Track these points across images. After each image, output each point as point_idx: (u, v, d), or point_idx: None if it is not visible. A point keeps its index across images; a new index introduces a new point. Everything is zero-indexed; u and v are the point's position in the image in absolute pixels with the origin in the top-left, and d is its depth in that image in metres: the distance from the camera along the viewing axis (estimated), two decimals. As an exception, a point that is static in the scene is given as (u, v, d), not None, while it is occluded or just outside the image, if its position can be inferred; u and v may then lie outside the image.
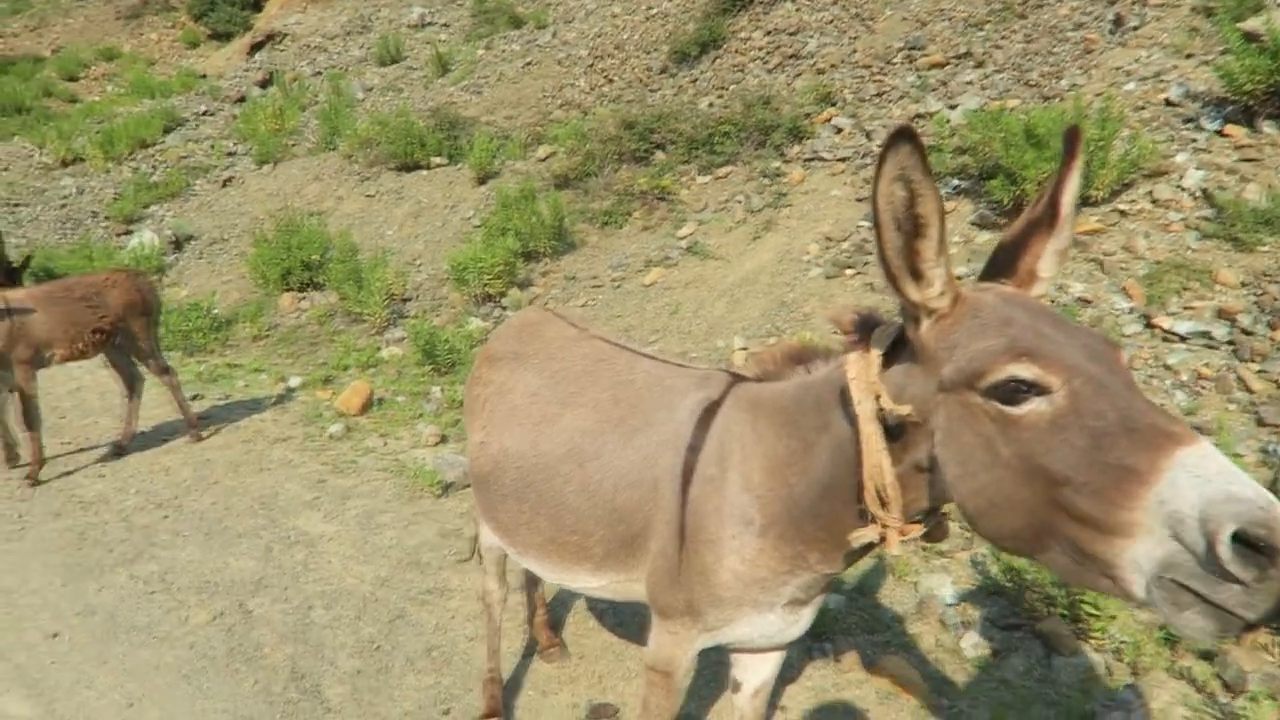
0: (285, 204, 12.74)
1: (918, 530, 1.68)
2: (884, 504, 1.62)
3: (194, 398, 6.98)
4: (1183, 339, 4.83)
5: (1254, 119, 5.89)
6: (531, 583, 3.57)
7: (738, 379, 2.18)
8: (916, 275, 1.48)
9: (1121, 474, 1.22)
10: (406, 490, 5.24)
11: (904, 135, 1.38)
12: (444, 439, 6.13)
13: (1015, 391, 1.34)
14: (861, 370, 1.64)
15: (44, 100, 23.10)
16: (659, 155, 9.97)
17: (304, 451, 5.87)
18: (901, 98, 8.94)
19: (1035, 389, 1.33)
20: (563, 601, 3.90)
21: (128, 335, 5.74)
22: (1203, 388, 4.56)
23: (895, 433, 1.60)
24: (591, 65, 14.17)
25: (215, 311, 9.10)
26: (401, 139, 12.30)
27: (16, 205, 14.06)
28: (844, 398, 1.71)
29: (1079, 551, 1.28)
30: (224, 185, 14.44)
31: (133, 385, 5.99)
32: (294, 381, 7.39)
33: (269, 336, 8.97)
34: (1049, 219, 1.57)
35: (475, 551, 3.47)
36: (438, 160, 12.25)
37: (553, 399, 2.47)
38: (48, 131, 17.49)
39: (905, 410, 1.53)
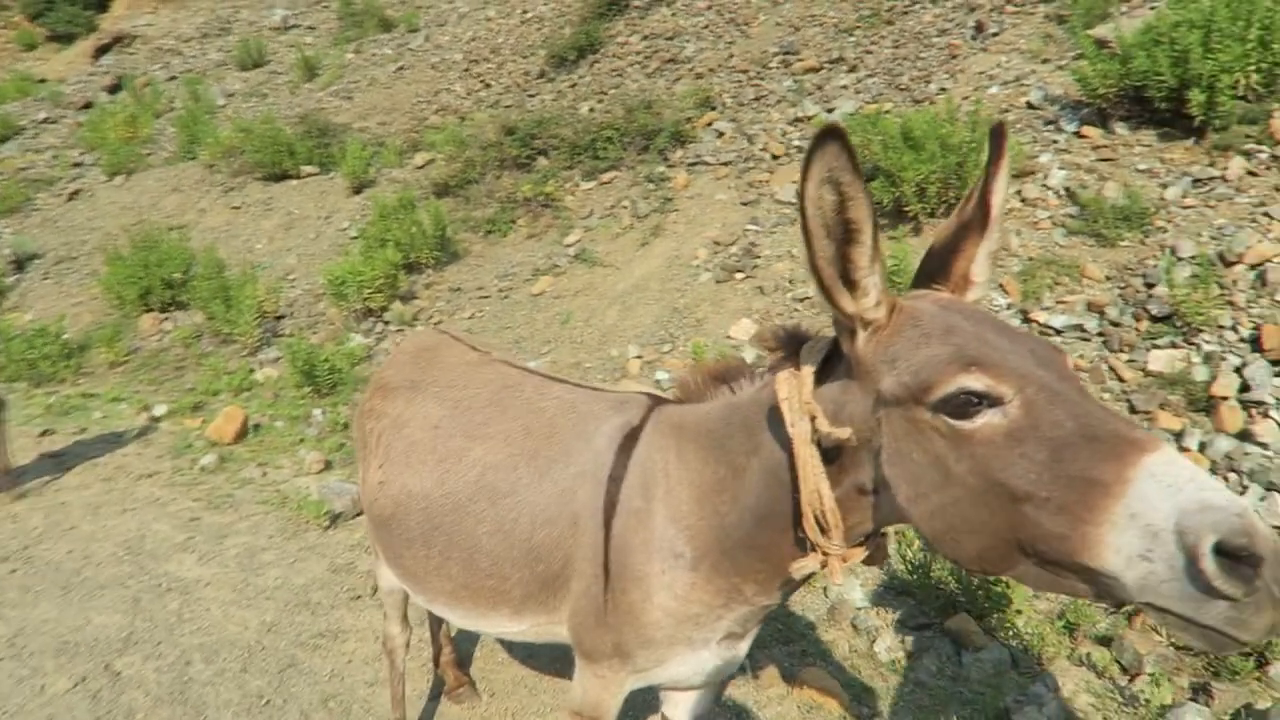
0: (141, 218, 11.92)
1: (859, 554, 1.61)
2: (824, 531, 1.53)
3: (44, 433, 6.40)
4: (1059, 332, 5.03)
5: (1108, 121, 6.22)
6: (435, 619, 3.37)
7: (658, 402, 2.08)
8: (850, 285, 1.39)
9: (1087, 486, 1.15)
10: (290, 523, 4.92)
11: (831, 134, 1.28)
12: (329, 465, 5.81)
13: (966, 404, 1.27)
14: (793, 390, 1.54)
15: None
16: (541, 161, 9.82)
17: (173, 487, 5.44)
18: (779, 101, 9.08)
19: (987, 400, 1.26)
20: (468, 636, 3.71)
21: None
22: (1080, 380, 4.76)
23: (832, 454, 1.51)
24: (467, 70, 13.86)
25: (65, 336, 8.37)
26: (269, 147, 11.70)
27: None
28: (774, 419, 1.61)
29: (1053, 565, 1.21)
30: (70, 199, 13.40)
31: None
32: (159, 410, 6.87)
33: (128, 362, 8.32)
34: (980, 220, 1.51)
35: (375, 588, 3.27)
36: (308, 169, 11.71)
37: (457, 431, 2.29)
38: None
39: (845, 434, 1.45)
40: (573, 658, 2.08)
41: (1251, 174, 5.37)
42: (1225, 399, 4.15)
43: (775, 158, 8.13)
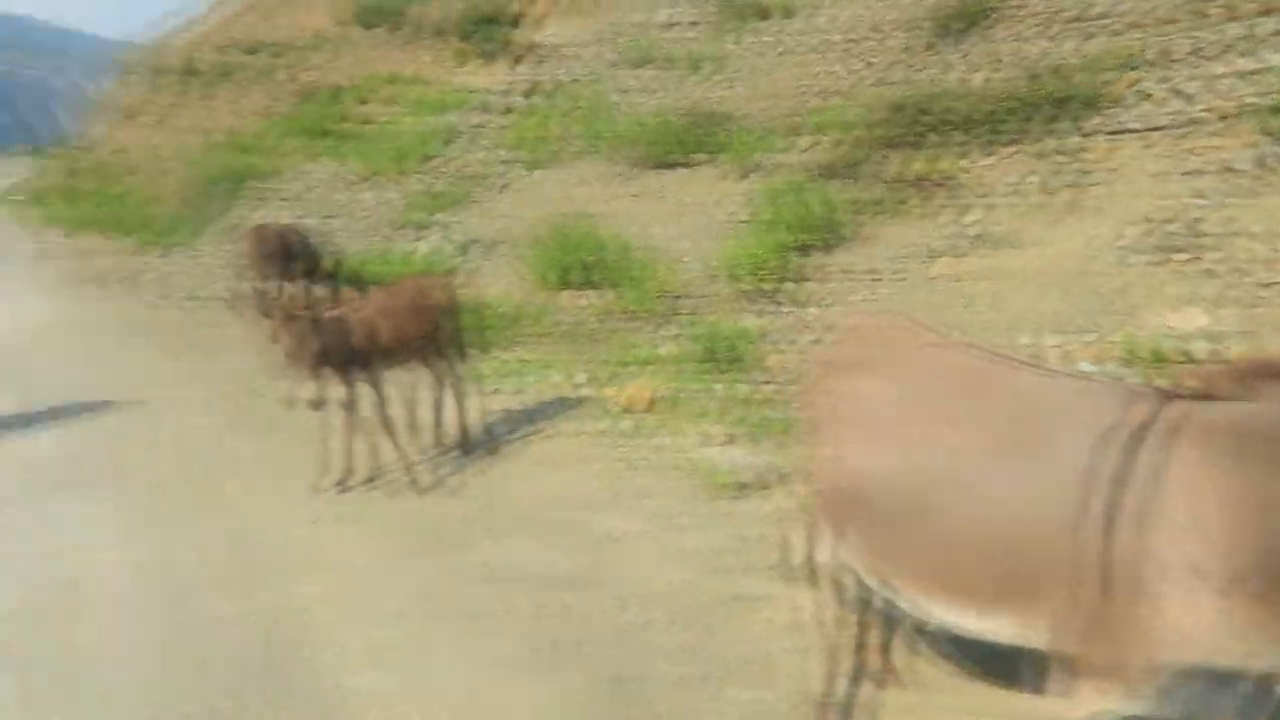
0: (556, 207, 13.33)
1: None
2: None
3: (492, 392, 7.39)
4: None
5: None
6: (861, 603, 3.35)
7: (1169, 397, 1.84)
8: None
9: None
10: (702, 490, 5.20)
11: None
12: (732, 438, 6.05)
13: None
14: None
15: (343, 123, 25.88)
16: (933, 138, 9.37)
17: (598, 448, 6.01)
18: (1224, 52, 7.77)
19: None
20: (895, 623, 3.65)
21: (443, 337, 6.10)
22: None
23: None
24: (847, 50, 13.65)
25: (502, 310, 9.65)
26: (661, 139, 12.48)
27: (328, 217, 15.77)
28: None
29: None
30: (499, 192, 15.38)
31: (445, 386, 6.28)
32: (580, 378, 7.65)
33: (552, 334, 9.37)
34: None
35: (807, 571, 3.32)
36: (698, 157, 12.30)
37: (925, 415, 2.22)
38: (348, 151, 19.53)
39: None
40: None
41: None
42: None
43: (1224, 119, 6.99)
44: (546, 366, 8.40)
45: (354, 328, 5.10)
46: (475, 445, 6.14)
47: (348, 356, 4.99)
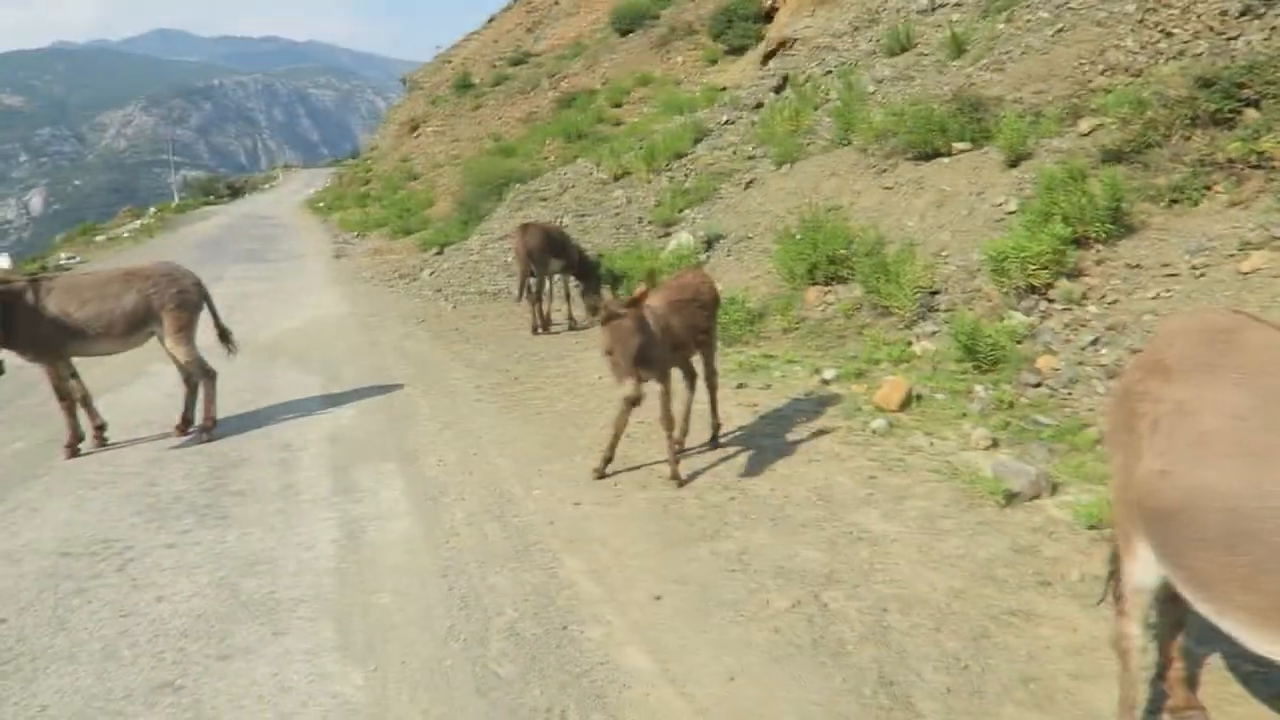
0: (804, 200, 13.13)
1: None
2: None
3: (738, 386, 7.42)
4: None
5: None
6: (1168, 630, 2.99)
7: None
8: None
9: None
10: (964, 496, 4.90)
11: None
12: (995, 443, 5.67)
13: None
14: None
15: (597, 125, 27.11)
16: (1250, 114, 8.23)
17: (849, 445, 5.85)
18: None
19: None
20: (1196, 656, 3.24)
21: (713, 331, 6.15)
22: None
23: None
24: (1141, 20, 12.28)
25: (749, 305, 9.66)
26: (920, 127, 11.90)
27: (582, 215, 16.56)
28: None
29: None
30: (746, 187, 15.38)
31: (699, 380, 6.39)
32: (828, 374, 7.48)
33: (798, 329, 9.26)
34: None
35: (1107, 593, 3.05)
36: (960, 146, 11.61)
37: (1276, 426, 1.94)
38: (602, 151, 20.39)
39: None
40: None
41: None
42: None
43: None
44: (792, 362, 8.30)
45: (658, 326, 5.18)
46: (725, 439, 6.18)
47: (654, 355, 5.09)
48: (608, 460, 5.58)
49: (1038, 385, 6.55)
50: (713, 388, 6.19)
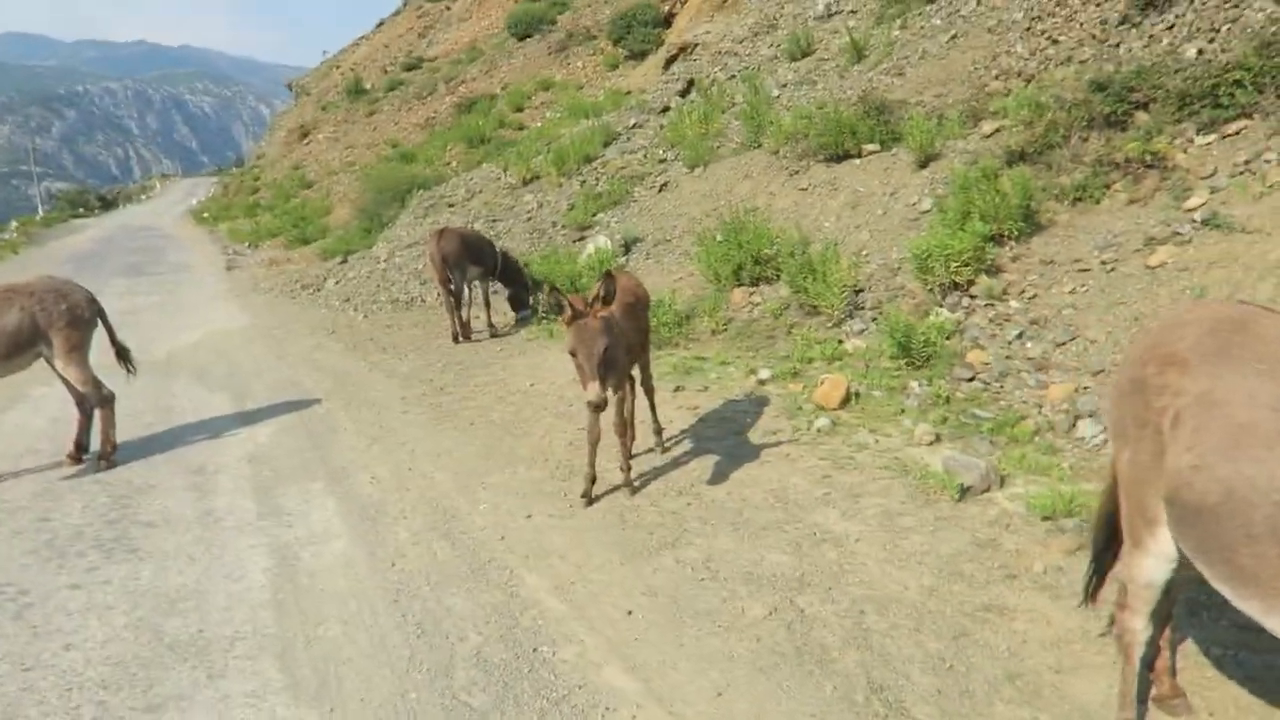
0: (719, 203, 13.16)
1: None
2: None
3: (676, 389, 7.31)
4: None
5: None
6: (1158, 623, 3.00)
7: None
8: None
9: None
10: (919, 491, 4.90)
11: None
12: (938, 438, 5.71)
13: None
14: None
15: (500, 130, 26.70)
16: (1140, 116, 8.63)
17: (796, 445, 5.80)
18: None
19: None
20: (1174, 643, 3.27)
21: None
22: None
23: None
24: (1029, 28, 12.81)
25: (675, 307, 9.57)
26: (830, 130, 12.08)
27: (494, 220, 16.21)
28: None
29: None
30: (660, 190, 15.33)
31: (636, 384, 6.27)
32: (763, 374, 7.44)
33: (726, 330, 9.22)
34: None
35: (1088, 594, 3.05)
36: (870, 147, 11.83)
37: None
38: (509, 156, 20.03)
39: None
40: None
41: None
42: None
43: None
44: (725, 363, 8.25)
45: (617, 327, 4.91)
46: (671, 443, 6.05)
47: (618, 357, 4.80)
48: (592, 481, 5.19)
49: (971, 379, 6.66)
50: (649, 390, 6.05)
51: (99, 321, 6.48)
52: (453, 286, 9.84)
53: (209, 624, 4.03)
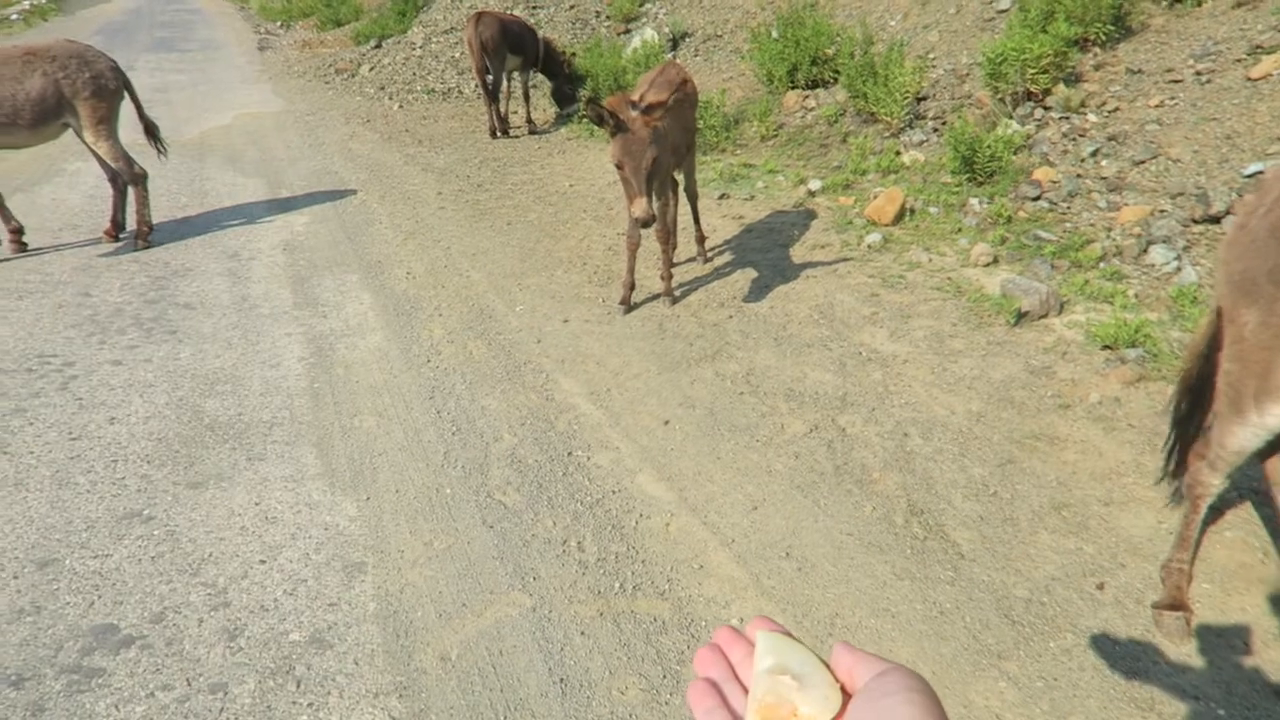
0: (775, -3, 12.17)
1: None
2: None
3: (721, 197, 6.99)
4: None
5: None
6: (1203, 524, 2.85)
7: None
8: None
9: None
10: (971, 314, 4.69)
11: None
12: (996, 259, 5.42)
13: None
14: None
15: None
16: (1270, -95, 7.59)
17: (846, 261, 5.55)
18: None
19: None
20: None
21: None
22: None
23: None
24: None
25: (723, 110, 9.04)
26: (907, -86, 10.90)
27: (534, 7, 15.20)
28: None
29: None
30: (713, -21, 14.17)
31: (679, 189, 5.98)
32: (813, 185, 7.07)
33: (776, 137, 8.73)
34: None
35: (1167, 470, 2.84)
36: (949, -64, 10.70)
37: None
38: (552, -64, 18.52)
39: None
40: None
41: None
42: None
43: None
44: (773, 172, 7.85)
45: (666, 135, 4.50)
46: (714, 253, 5.83)
47: (664, 166, 4.46)
48: (631, 288, 5.00)
49: (1036, 199, 6.26)
50: (693, 196, 5.75)
51: (125, 93, 6.20)
52: (490, 76, 9.31)
53: (246, 408, 4.05)
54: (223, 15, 24.77)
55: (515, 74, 10.09)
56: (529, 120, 10.00)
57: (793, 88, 9.42)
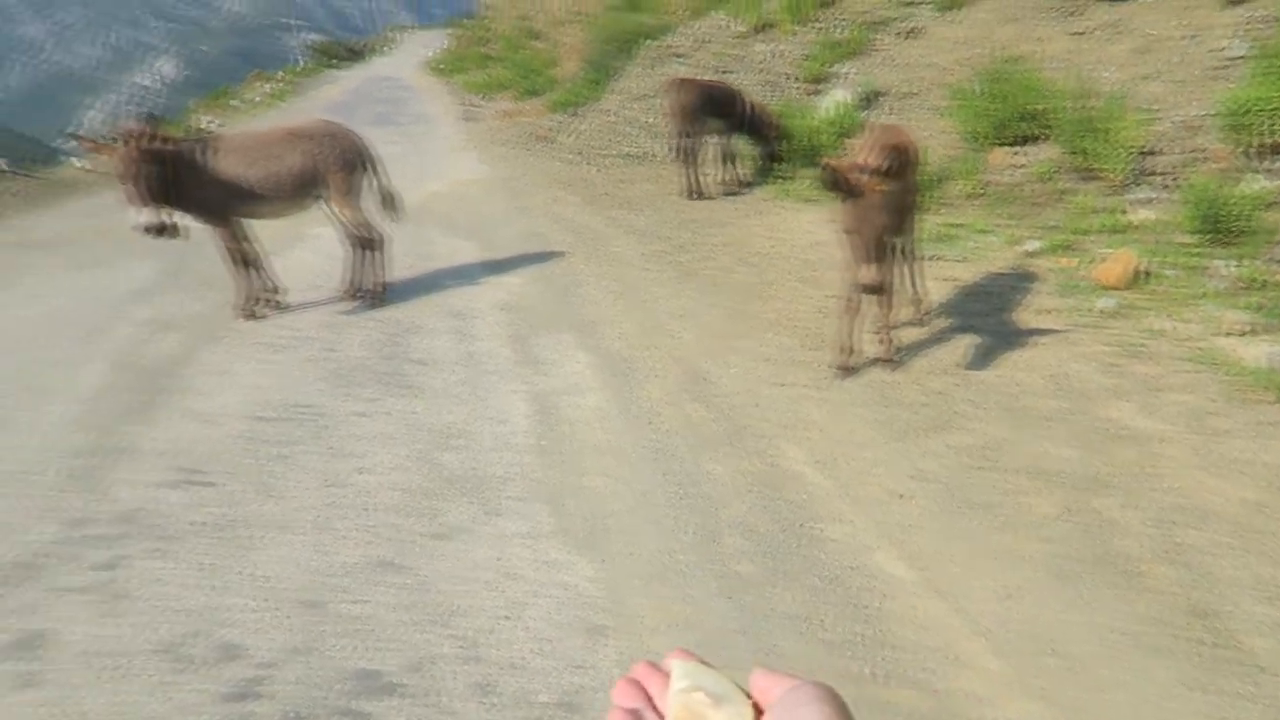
0: (975, 51, 11.86)
1: None
2: None
3: (931, 258, 6.78)
4: None
5: None
6: None
7: None
8: None
9: None
10: (1232, 389, 4.27)
11: None
12: (1253, 328, 4.93)
13: None
14: None
15: (728, -26, 25.24)
16: None
17: (1076, 328, 5.22)
18: None
19: None
20: None
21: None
22: None
23: None
24: None
25: (925, 168, 8.82)
26: (1126, -39, 10.38)
27: (723, 71, 15.52)
28: None
29: None
30: (906, 37, 14.04)
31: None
32: (1030, 245, 6.74)
33: (983, 195, 8.42)
34: None
35: None
36: (1171, -18, 10.09)
37: None
38: (739, 2, 18.96)
39: None
40: None
41: None
42: None
43: None
44: (983, 231, 7.55)
45: (895, 199, 4.47)
46: (932, 315, 5.65)
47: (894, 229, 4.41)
48: (850, 353, 4.89)
49: (1297, 262, 5.68)
50: (914, 258, 5.61)
51: (368, 166, 6.79)
52: (689, 140, 9.54)
53: (480, 463, 4.24)
54: (431, 91, 26.85)
55: (712, 137, 10.27)
56: (725, 181, 10.14)
57: (999, 144, 9.08)
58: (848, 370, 4.85)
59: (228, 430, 4.80)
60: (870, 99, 12.58)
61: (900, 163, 4.55)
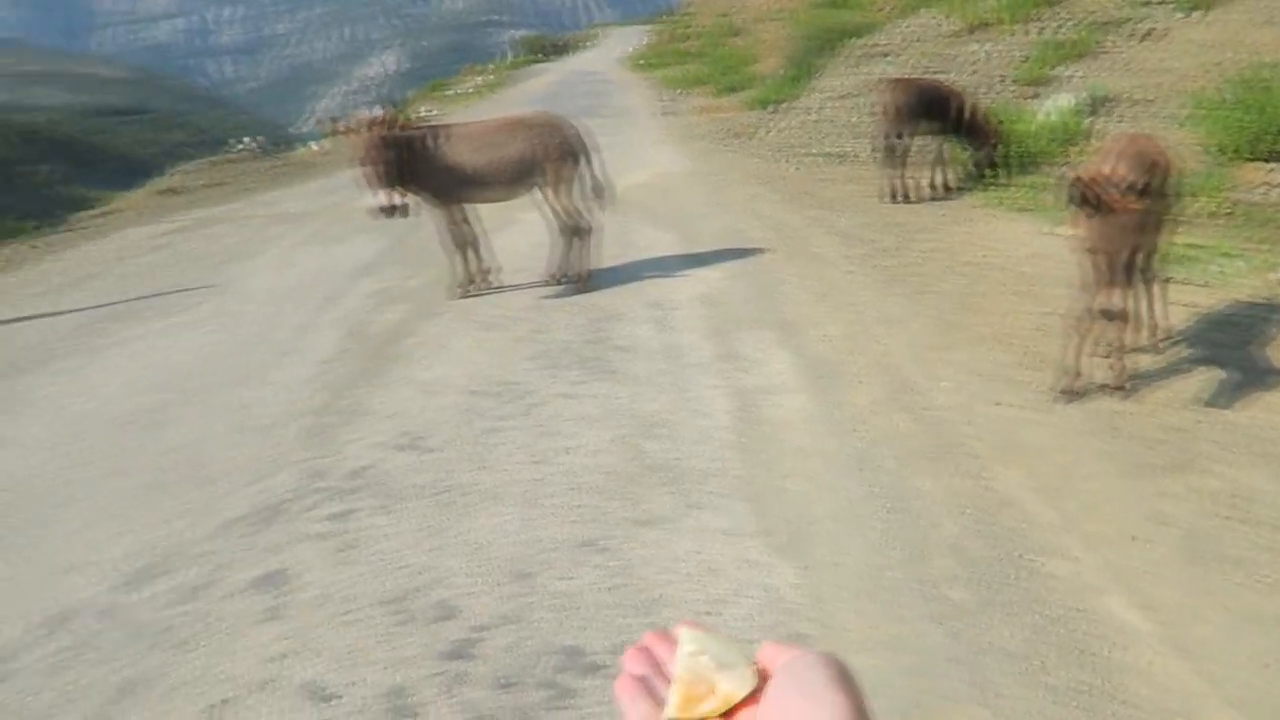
0: (1224, 56, 10.80)
1: None
2: None
3: (1167, 280, 6.22)
4: None
5: None
6: None
7: None
8: None
9: None
10: None
11: None
12: None
13: None
14: None
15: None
16: None
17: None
18: None
19: None
20: None
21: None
22: None
23: None
24: None
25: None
26: None
27: (932, 72, 14.90)
28: None
29: None
30: (1142, 39, 12.99)
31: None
32: (1287, 273, 6.06)
33: (1230, 215, 7.66)
34: None
35: None
36: None
37: None
38: (953, 0, 18.15)
39: None
40: None
41: None
42: None
43: None
44: (1228, 255, 6.87)
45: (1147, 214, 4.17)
46: (1169, 343, 5.20)
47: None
48: (1076, 376, 4.57)
49: None
50: (1152, 280, 5.18)
51: (584, 156, 7.01)
52: (899, 141, 9.22)
53: (682, 454, 4.28)
54: (631, 85, 27.41)
55: (923, 139, 9.88)
56: (932, 186, 9.75)
57: (1251, 159, 8.23)
58: (1072, 395, 4.54)
59: (445, 401, 5.10)
60: (1097, 105, 11.74)
61: (1160, 179, 4.19)
